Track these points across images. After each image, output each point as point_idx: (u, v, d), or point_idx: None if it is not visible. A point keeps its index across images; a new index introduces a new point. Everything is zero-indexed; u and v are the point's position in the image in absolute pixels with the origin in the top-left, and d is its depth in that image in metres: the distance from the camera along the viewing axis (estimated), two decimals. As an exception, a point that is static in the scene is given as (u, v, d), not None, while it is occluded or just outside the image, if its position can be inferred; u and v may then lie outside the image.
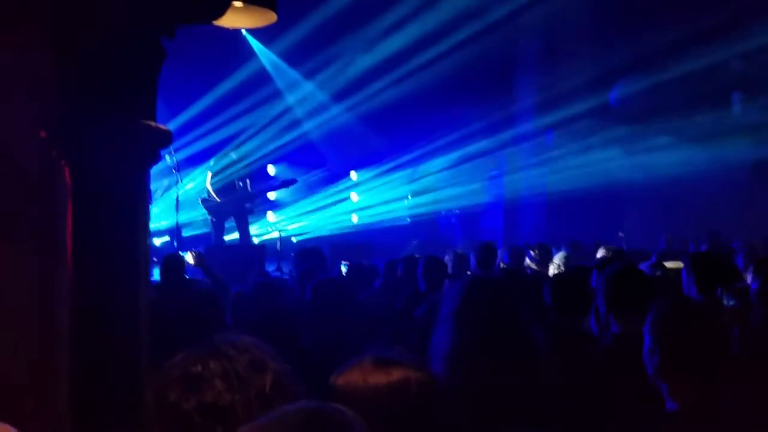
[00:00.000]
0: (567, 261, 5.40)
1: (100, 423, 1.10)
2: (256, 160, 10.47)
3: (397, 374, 1.35)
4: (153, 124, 1.18)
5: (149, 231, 1.23)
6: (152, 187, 8.35)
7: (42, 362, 1.74)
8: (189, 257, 5.29)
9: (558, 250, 6.24)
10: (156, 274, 4.87)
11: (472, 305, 1.88)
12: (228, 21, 1.54)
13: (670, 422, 1.84)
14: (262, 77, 12.30)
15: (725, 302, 2.98)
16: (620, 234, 9.86)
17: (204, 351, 1.30)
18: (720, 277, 3.42)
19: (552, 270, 5.41)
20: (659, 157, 11.77)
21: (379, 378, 1.34)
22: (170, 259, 4.84)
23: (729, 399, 1.81)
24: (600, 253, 5.50)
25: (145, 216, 1.20)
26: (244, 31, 11.77)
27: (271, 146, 11.88)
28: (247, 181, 9.73)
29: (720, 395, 1.81)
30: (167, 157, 8.78)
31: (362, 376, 1.34)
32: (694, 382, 1.83)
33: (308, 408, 0.98)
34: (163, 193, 10.14)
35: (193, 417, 1.21)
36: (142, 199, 1.17)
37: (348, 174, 13.40)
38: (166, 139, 1.20)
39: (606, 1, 11.01)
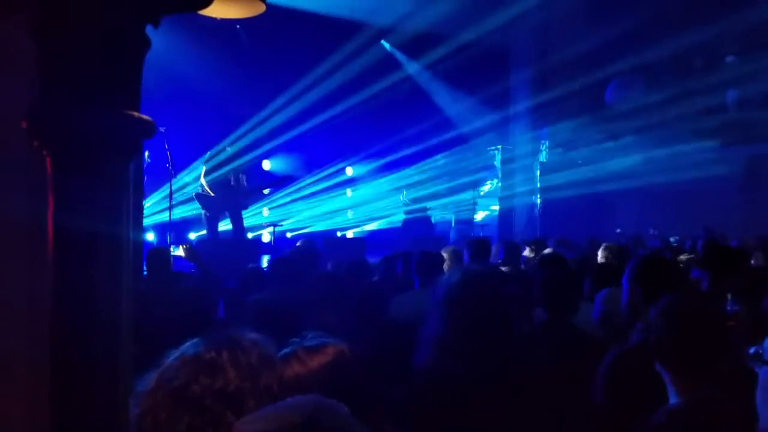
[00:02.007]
0: (528, 262, 5.42)
1: (78, 417, 1.08)
2: (250, 156, 10.43)
3: (329, 352, 1.49)
4: (136, 114, 1.16)
5: (140, 224, 1.22)
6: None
7: (31, 361, 1.72)
8: (180, 251, 5.27)
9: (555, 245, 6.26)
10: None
11: (463, 295, 1.96)
12: (216, 11, 1.51)
13: (666, 418, 1.84)
14: (261, 75, 12.27)
15: (729, 307, 2.96)
16: (618, 230, 9.87)
17: (217, 340, 1.32)
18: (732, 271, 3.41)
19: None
20: (653, 154, 11.80)
21: (318, 360, 1.47)
22: (154, 253, 4.82)
23: (726, 397, 1.80)
24: (601, 252, 5.46)
25: (129, 208, 1.17)
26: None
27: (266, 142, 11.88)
28: (242, 176, 9.68)
29: (717, 393, 1.80)
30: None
31: (300, 363, 1.46)
32: (690, 377, 1.83)
33: (312, 400, 0.98)
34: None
35: (203, 400, 1.22)
36: (125, 190, 1.15)
37: (343, 170, 13.38)
38: (149, 130, 1.17)
39: (600, 2, 11.03)
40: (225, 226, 9.80)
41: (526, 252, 5.91)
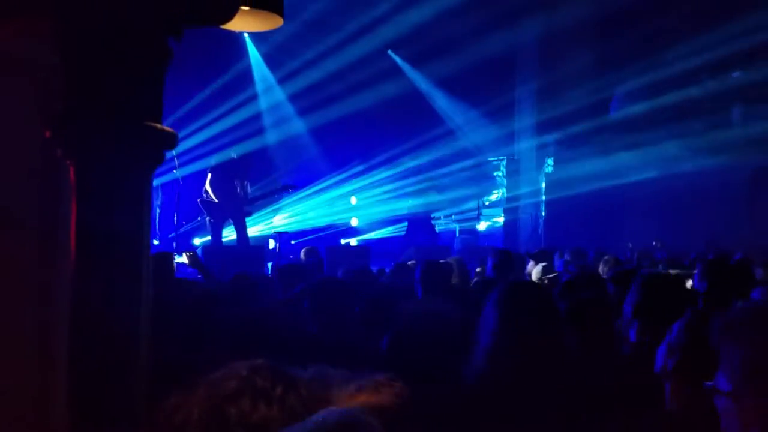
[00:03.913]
0: (545, 271, 5.40)
1: (97, 421, 1.10)
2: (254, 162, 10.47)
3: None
4: (159, 125, 1.19)
5: (151, 231, 1.24)
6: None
7: (39, 363, 1.74)
8: (184, 258, 5.30)
9: (561, 257, 6.23)
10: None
11: (516, 305, 2.05)
12: (235, 24, 1.54)
13: (666, 420, 1.86)
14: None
15: None
16: (629, 245, 9.79)
17: (278, 371, 1.20)
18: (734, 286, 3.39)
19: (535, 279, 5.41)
20: (658, 166, 11.79)
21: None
22: (158, 258, 4.82)
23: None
24: (603, 264, 5.44)
25: (149, 216, 1.20)
26: (246, 35, 11.79)
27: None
28: (246, 183, 9.71)
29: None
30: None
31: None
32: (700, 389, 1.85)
33: (335, 416, 0.97)
34: None
35: (233, 425, 1.10)
36: (146, 199, 1.18)
37: (348, 176, 13.41)
38: (171, 142, 1.20)
39: (605, 11, 11.06)
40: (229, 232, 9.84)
41: (530, 266, 5.89)
